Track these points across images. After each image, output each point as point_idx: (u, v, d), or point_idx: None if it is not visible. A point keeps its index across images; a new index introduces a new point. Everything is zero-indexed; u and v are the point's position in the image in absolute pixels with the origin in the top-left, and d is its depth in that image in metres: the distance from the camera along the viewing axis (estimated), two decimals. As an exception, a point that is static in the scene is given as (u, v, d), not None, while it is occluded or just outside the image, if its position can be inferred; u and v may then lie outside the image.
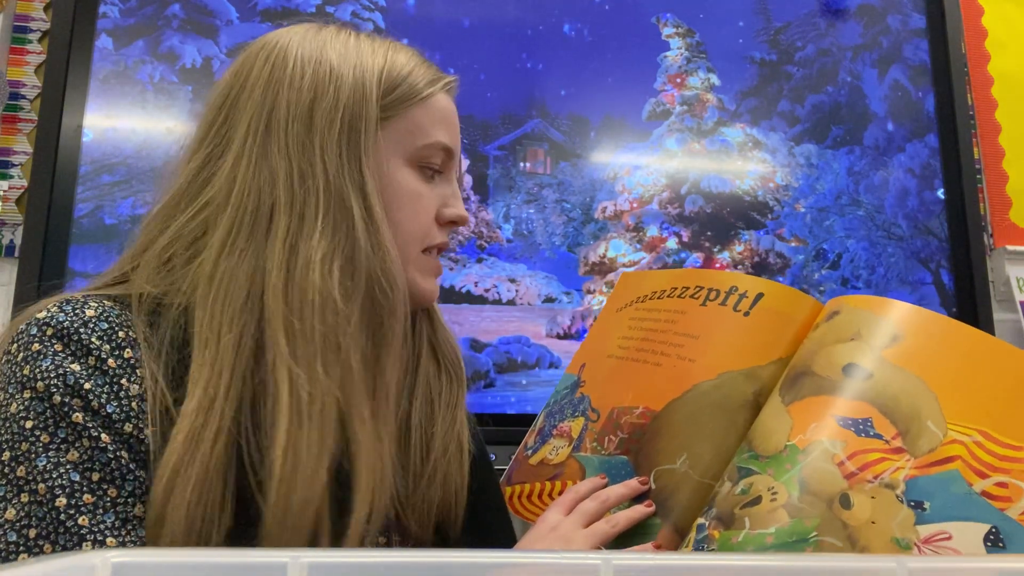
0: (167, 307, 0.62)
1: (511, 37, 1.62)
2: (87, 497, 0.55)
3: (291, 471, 0.57)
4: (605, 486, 0.72)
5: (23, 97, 1.47)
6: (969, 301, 1.66)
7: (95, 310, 0.60)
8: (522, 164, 1.58)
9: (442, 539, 0.71)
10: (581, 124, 1.62)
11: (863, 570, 0.30)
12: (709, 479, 0.68)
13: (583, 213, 1.59)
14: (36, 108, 1.45)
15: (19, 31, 1.49)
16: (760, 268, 1.63)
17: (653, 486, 0.70)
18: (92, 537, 0.55)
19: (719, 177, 1.66)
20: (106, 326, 0.60)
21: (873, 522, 0.56)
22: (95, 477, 0.56)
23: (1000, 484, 0.56)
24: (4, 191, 1.43)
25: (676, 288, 0.82)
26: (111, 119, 1.45)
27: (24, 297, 1.33)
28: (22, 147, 1.45)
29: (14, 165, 1.44)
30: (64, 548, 0.54)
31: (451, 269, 1.51)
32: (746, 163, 1.67)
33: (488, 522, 0.75)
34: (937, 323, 0.65)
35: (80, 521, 0.55)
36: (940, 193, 1.73)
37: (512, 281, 1.53)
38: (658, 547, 0.66)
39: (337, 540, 0.59)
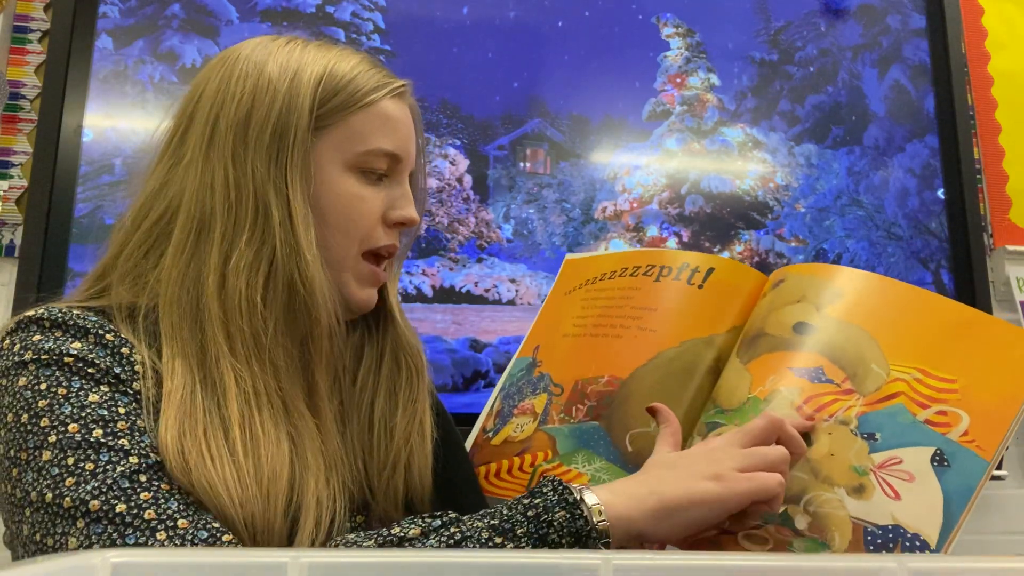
0: (141, 309, 0.67)
1: (511, 37, 1.62)
2: (121, 424, 0.59)
3: (253, 446, 0.61)
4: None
5: (23, 97, 1.47)
6: (969, 301, 1.66)
7: (78, 312, 0.65)
8: (522, 164, 1.58)
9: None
10: (581, 124, 1.62)
11: (863, 570, 0.30)
12: (681, 440, 0.73)
13: (583, 213, 1.59)
14: (36, 108, 1.45)
15: (19, 31, 1.49)
16: (760, 268, 1.63)
17: (630, 448, 0.74)
18: (136, 451, 0.58)
19: (719, 177, 1.66)
20: (95, 318, 0.64)
21: (832, 454, 0.63)
22: (122, 410, 0.59)
23: (940, 412, 0.64)
24: (4, 191, 1.43)
25: (627, 268, 0.87)
26: (111, 119, 1.45)
27: (24, 297, 1.33)
28: (22, 147, 1.45)
29: (14, 165, 1.44)
30: (108, 463, 0.57)
31: (451, 269, 1.52)
32: (746, 163, 1.67)
33: (459, 499, 0.78)
34: (871, 280, 0.73)
35: (121, 442, 0.58)
36: (940, 193, 1.73)
37: (512, 281, 1.53)
38: None
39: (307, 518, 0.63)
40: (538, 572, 0.29)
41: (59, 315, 0.63)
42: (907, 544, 0.59)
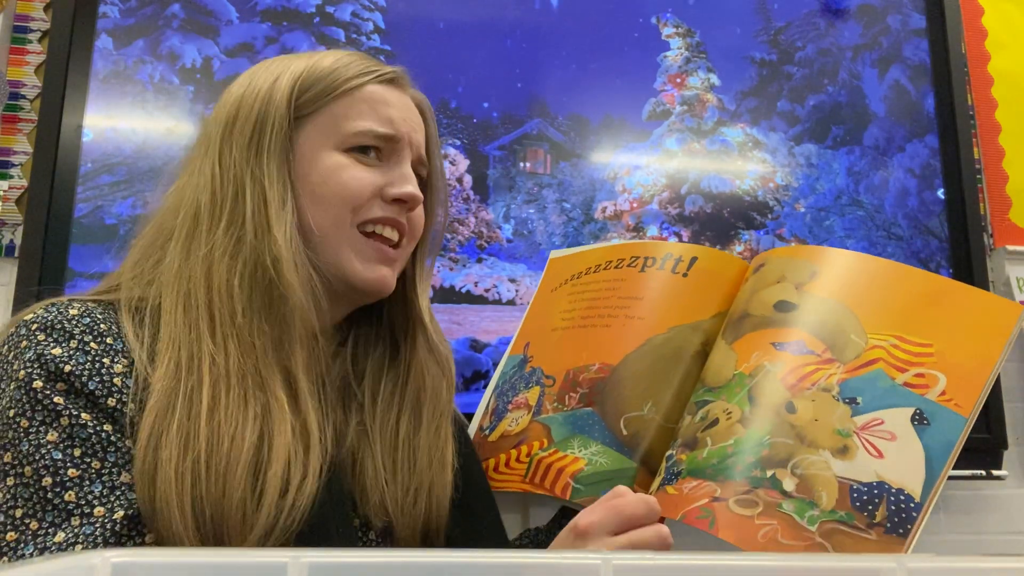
0: (147, 303, 0.69)
1: (511, 37, 1.62)
2: (72, 472, 0.59)
3: (216, 430, 0.61)
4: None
5: (23, 97, 1.47)
6: (969, 301, 1.66)
7: (77, 309, 0.66)
8: (522, 164, 1.58)
9: (428, 548, 0.74)
10: (581, 124, 1.62)
11: (863, 570, 0.30)
12: (672, 423, 0.75)
13: (583, 213, 1.59)
14: (36, 108, 1.45)
15: (19, 31, 1.49)
16: (760, 268, 1.63)
17: (624, 431, 0.76)
18: (80, 511, 0.58)
19: (719, 177, 1.66)
20: (88, 320, 0.65)
21: (816, 420, 0.66)
22: (77, 453, 0.60)
23: (918, 375, 0.67)
24: (4, 191, 1.43)
25: (611, 261, 0.90)
26: (111, 119, 1.45)
27: (24, 297, 1.33)
28: (22, 147, 1.45)
29: (14, 165, 1.44)
30: (52, 524, 0.58)
31: (451, 269, 1.52)
32: (746, 163, 1.67)
33: (475, 523, 0.77)
34: (846, 257, 0.77)
35: (67, 497, 0.58)
36: (940, 193, 1.73)
37: (512, 281, 1.53)
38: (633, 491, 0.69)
39: (277, 510, 0.62)
40: (538, 572, 0.29)
41: (50, 317, 0.64)
42: (892, 498, 0.62)
